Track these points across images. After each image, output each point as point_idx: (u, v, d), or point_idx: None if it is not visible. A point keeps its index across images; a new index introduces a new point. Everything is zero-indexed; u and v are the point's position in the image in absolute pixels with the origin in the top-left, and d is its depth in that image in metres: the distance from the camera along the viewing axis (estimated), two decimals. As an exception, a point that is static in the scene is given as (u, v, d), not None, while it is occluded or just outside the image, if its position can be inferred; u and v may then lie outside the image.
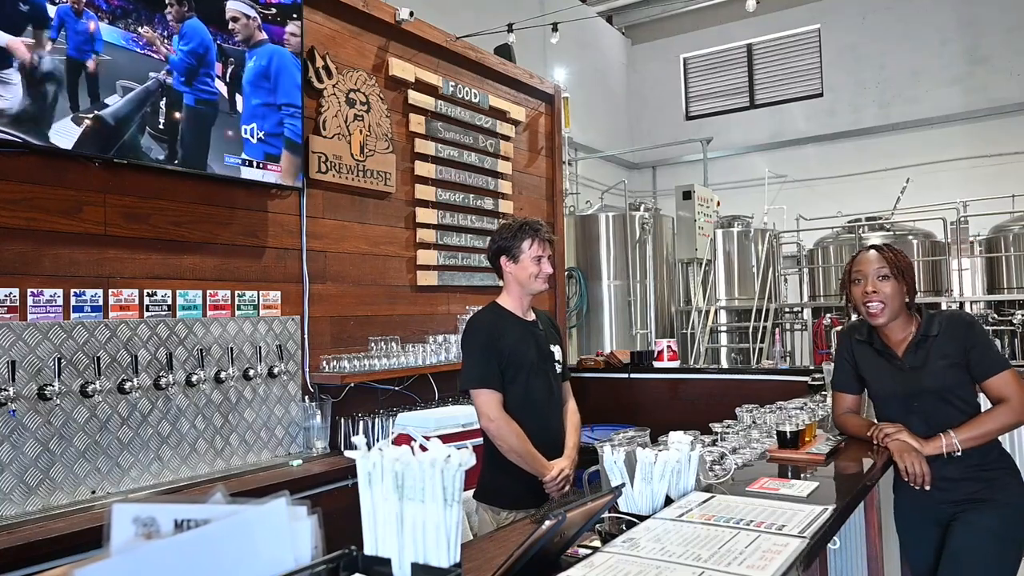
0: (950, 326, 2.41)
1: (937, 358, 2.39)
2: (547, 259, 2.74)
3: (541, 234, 2.73)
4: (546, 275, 2.74)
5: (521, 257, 2.72)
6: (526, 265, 2.71)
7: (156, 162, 2.96)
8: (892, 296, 2.40)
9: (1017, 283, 8.01)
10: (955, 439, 2.30)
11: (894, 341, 2.48)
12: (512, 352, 2.67)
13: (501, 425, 2.59)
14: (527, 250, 2.71)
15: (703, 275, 8.20)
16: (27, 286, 2.68)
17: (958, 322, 2.44)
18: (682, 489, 1.78)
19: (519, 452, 2.59)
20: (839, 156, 10.58)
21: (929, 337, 2.41)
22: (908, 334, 2.46)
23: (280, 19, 3.47)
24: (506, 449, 2.60)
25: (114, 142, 2.82)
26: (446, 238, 4.69)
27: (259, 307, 3.51)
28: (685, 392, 5.07)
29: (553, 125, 5.82)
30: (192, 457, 3.17)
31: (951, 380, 2.37)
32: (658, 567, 1.31)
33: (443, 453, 1.13)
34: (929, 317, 2.46)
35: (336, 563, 1.10)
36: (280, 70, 3.47)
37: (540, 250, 2.71)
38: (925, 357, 2.40)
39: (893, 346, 2.48)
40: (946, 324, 2.42)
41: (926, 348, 2.41)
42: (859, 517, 2.31)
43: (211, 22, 3.17)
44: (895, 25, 10.31)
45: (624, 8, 11.74)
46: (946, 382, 2.37)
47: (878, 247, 2.50)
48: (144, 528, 0.90)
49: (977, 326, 2.44)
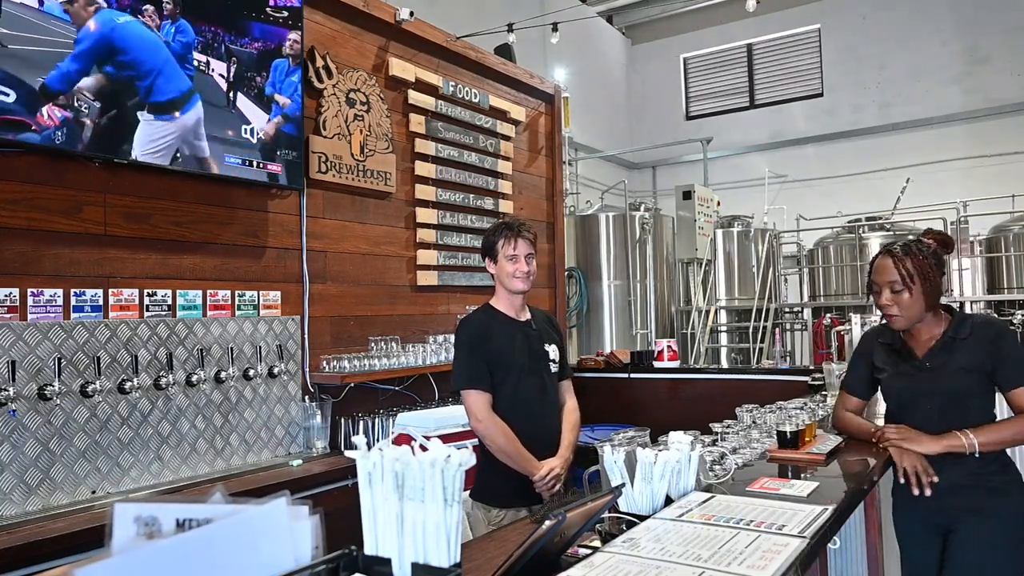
0: (980, 332, 2.36)
1: (959, 361, 2.34)
2: (525, 258, 2.71)
3: (515, 231, 2.70)
4: (523, 273, 2.70)
5: (499, 257, 2.72)
6: (503, 264, 2.71)
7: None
8: (909, 306, 2.34)
9: (1017, 283, 8.00)
10: (974, 440, 2.25)
11: (920, 341, 2.43)
12: (500, 353, 2.67)
13: (489, 425, 2.60)
14: (501, 249, 2.70)
15: (703, 275, 8.20)
16: (27, 286, 2.69)
17: (988, 329, 2.37)
18: (682, 489, 1.78)
19: (507, 452, 2.59)
20: (839, 156, 10.58)
21: (957, 340, 2.36)
22: (935, 334, 2.41)
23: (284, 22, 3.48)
24: (495, 449, 2.61)
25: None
26: (446, 238, 4.69)
27: (259, 307, 3.51)
28: (685, 392, 5.07)
29: (553, 125, 5.82)
30: (192, 457, 3.17)
31: (970, 385, 2.33)
32: (658, 567, 1.31)
33: (443, 453, 1.13)
34: (962, 319, 2.41)
35: (336, 563, 1.10)
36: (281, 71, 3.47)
37: (513, 248, 2.69)
38: (947, 359, 2.36)
39: (918, 346, 2.43)
40: (976, 329, 2.37)
41: (951, 351, 2.36)
42: (859, 517, 2.31)
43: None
44: (895, 25, 10.31)
45: (624, 8, 11.73)
46: (964, 386, 2.33)
47: (893, 253, 2.40)
48: (146, 528, 0.90)
49: (1008, 336, 2.38)
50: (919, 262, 2.36)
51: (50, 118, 2.61)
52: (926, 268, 2.36)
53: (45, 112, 2.60)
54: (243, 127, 3.29)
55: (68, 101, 2.66)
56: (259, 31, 3.38)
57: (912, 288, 2.34)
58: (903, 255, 2.38)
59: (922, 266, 2.35)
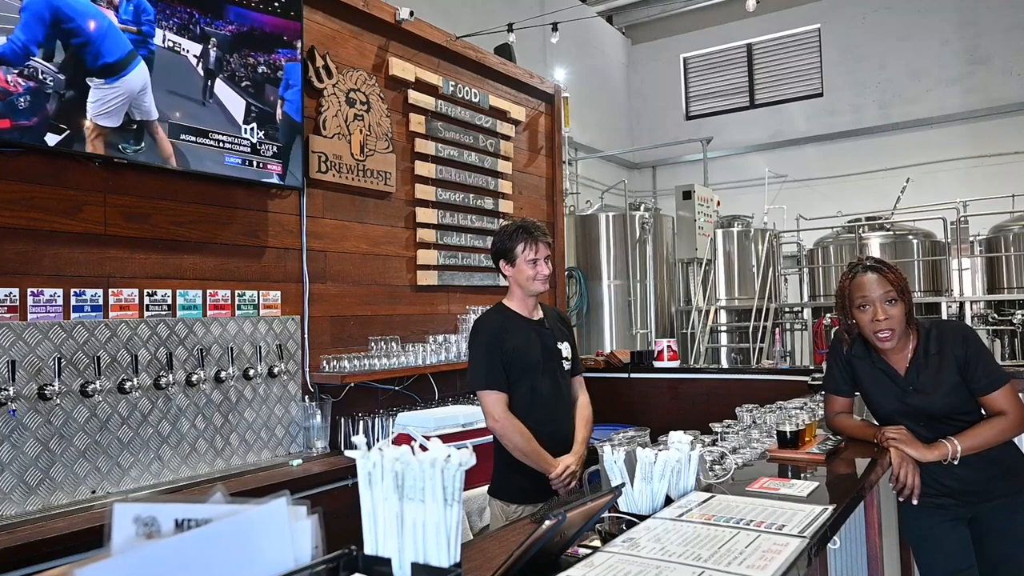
0: (947, 341, 2.37)
1: (942, 380, 2.35)
2: (544, 260, 2.74)
3: (535, 236, 2.73)
4: (544, 276, 2.74)
5: (517, 260, 2.74)
6: (522, 268, 2.73)
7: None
8: (900, 320, 2.35)
9: (1017, 283, 8.00)
10: (958, 446, 2.28)
11: (894, 358, 2.44)
12: (516, 352, 2.69)
13: (506, 425, 2.63)
14: (521, 253, 2.73)
15: (703, 275, 8.20)
16: (27, 286, 2.69)
17: (953, 336, 2.39)
18: (682, 489, 1.78)
19: (524, 451, 2.62)
20: (839, 156, 10.58)
21: (929, 355, 2.38)
22: (907, 351, 2.42)
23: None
24: (512, 448, 2.64)
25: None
26: (446, 238, 4.69)
27: (259, 307, 3.51)
28: (685, 392, 5.07)
29: (553, 125, 5.82)
30: (192, 457, 3.17)
31: (958, 401, 2.36)
32: (658, 567, 1.31)
33: (443, 453, 1.13)
34: (926, 332, 2.41)
35: (336, 563, 1.10)
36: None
37: (534, 252, 2.72)
38: (930, 378, 2.37)
39: (893, 363, 2.44)
40: (943, 339, 2.38)
41: (928, 367, 2.38)
42: (859, 517, 2.31)
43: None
44: (895, 25, 10.31)
45: (624, 8, 11.73)
46: (954, 404, 2.35)
47: (876, 267, 2.40)
48: (145, 528, 0.90)
49: (972, 338, 2.40)
50: (901, 276, 2.38)
51: (15, 85, 2.57)
52: (903, 283, 2.37)
53: (11, 80, 2.56)
54: (243, 127, 3.28)
55: (28, 72, 2.61)
56: (234, 15, 3.30)
57: (902, 298, 2.35)
58: (886, 268, 2.38)
59: (900, 279, 2.37)
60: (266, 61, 3.41)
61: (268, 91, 3.41)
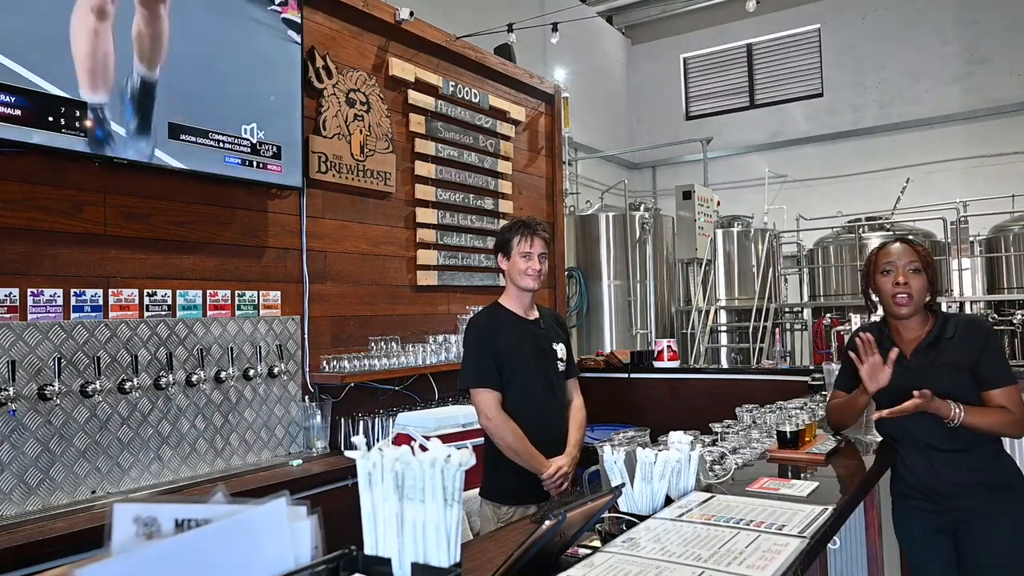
0: (967, 331, 2.37)
1: (946, 362, 2.34)
2: (538, 256, 2.75)
3: (533, 229, 2.75)
4: (535, 271, 2.74)
5: (512, 253, 2.76)
6: (516, 261, 2.75)
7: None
8: (920, 291, 2.36)
9: (1017, 283, 8.01)
10: (962, 413, 2.23)
11: (905, 340, 2.43)
12: (509, 351, 2.69)
13: (499, 424, 2.62)
14: (516, 246, 2.74)
15: (703, 275, 8.20)
16: (27, 286, 2.69)
17: (975, 329, 2.39)
18: (682, 489, 1.78)
19: (516, 450, 2.61)
20: (839, 156, 10.58)
21: (942, 339, 2.37)
22: (920, 334, 2.41)
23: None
24: (503, 447, 2.63)
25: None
26: (446, 238, 4.69)
27: (259, 307, 3.51)
28: (685, 392, 5.07)
29: (553, 125, 5.82)
30: (192, 457, 3.17)
31: (957, 385, 2.32)
32: (658, 567, 1.31)
33: (443, 453, 1.13)
34: (945, 318, 2.41)
35: (336, 563, 1.10)
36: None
37: (528, 245, 2.73)
38: (934, 359, 2.36)
39: (902, 345, 2.43)
40: (962, 328, 2.37)
41: (937, 350, 2.37)
42: (859, 517, 2.31)
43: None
44: (895, 25, 10.31)
45: (624, 8, 11.72)
46: (951, 387, 2.32)
47: (907, 239, 2.47)
48: (145, 528, 0.90)
49: (993, 336, 2.41)
50: (926, 251, 2.43)
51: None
52: (930, 259, 2.42)
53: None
54: (243, 127, 3.29)
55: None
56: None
57: (926, 272, 2.38)
58: (916, 243, 2.45)
59: (928, 255, 2.42)
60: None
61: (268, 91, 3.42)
